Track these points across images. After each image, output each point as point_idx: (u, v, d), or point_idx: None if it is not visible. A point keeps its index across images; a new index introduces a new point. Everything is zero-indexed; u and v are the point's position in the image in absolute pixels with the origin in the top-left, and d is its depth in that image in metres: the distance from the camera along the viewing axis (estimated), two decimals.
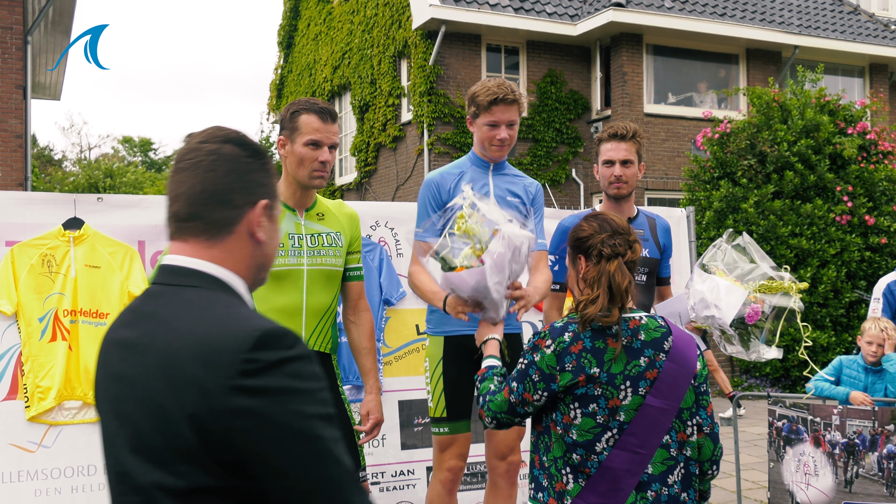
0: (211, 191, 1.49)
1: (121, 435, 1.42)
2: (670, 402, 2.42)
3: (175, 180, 1.51)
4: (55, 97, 15.84)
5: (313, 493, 1.36)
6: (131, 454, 1.39)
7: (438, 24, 13.83)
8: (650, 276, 3.74)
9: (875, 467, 4.68)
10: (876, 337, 5.05)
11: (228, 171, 1.50)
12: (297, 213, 3.10)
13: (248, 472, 1.35)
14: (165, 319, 1.43)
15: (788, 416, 4.99)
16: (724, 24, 14.83)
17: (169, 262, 1.51)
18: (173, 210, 1.51)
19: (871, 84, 16.79)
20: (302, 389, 1.37)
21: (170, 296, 1.47)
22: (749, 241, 3.75)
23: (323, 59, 18.99)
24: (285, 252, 3.01)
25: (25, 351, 3.69)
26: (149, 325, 1.44)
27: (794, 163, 11.50)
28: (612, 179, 3.63)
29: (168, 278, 1.50)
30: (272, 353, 1.35)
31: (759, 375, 11.92)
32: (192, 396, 1.34)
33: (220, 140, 1.52)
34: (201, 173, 1.49)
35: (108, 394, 1.47)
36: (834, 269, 11.34)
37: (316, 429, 1.37)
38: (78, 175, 32.70)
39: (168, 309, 1.45)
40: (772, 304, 3.51)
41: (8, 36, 10.35)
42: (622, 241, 2.48)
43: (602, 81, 15.14)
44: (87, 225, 3.84)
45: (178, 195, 1.50)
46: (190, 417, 1.33)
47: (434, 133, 14.19)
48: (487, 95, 3.32)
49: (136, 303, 1.52)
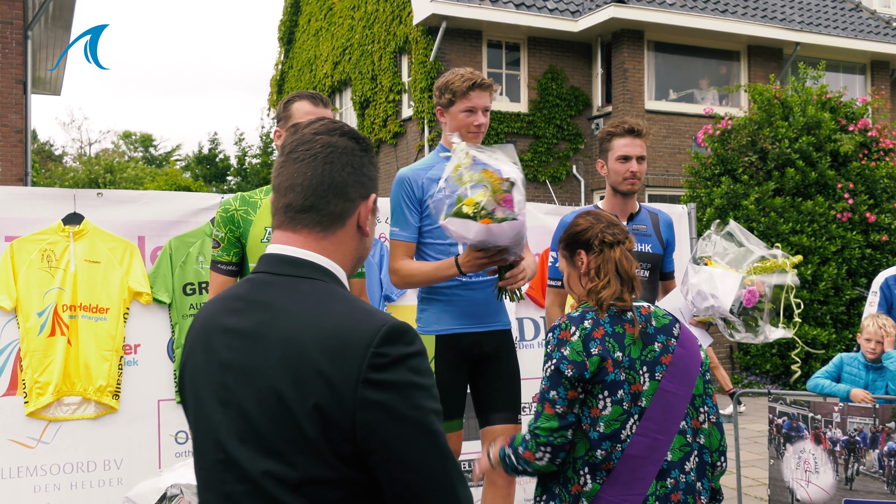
0: (328, 183, 1.49)
1: (227, 423, 1.42)
2: (684, 387, 2.44)
3: (289, 170, 1.51)
4: (55, 92, 15.82)
5: (429, 485, 1.39)
6: (239, 443, 1.40)
7: (439, 19, 13.81)
8: (653, 271, 3.74)
9: (876, 464, 4.67)
10: (874, 334, 5.05)
11: (345, 164, 1.51)
12: None
13: (365, 464, 1.37)
14: (283, 310, 1.43)
15: (789, 413, 4.98)
16: (726, 20, 14.81)
17: (279, 252, 1.51)
18: (287, 200, 1.50)
19: (873, 81, 16.77)
20: (422, 385, 1.40)
21: (284, 286, 1.47)
22: (736, 226, 3.74)
23: (323, 54, 18.97)
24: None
25: (24, 346, 3.68)
26: (264, 314, 1.44)
27: (795, 160, 11.48)
28: (627, 175, 3.61)
29: (280, 268, 1.49)
30: (398, 348, 1.38)
31: (760, 372, 11.92)
32: (318, 388, 1.35)
33: (336, 133, 1.53)
34: (319, 165, 1.49)
35: (212, 380, 1.46)
36: (834, 267, 11.33)
37: (434, 424, 1.40)
38: (78, 171, 32.68)
39: (284, 299, 1.45)
40: (770, 283, 3.51)
41: (8, 31, 10.33)
42: (619, 230, 2.55)
43: (603, 78, 15.12)
44: (86, 220, 3.83)
45: (293, 185, 1.50)
46: (314, 409, 1.35)
47: (435, 129, 14.17)
48: (464, 81, 3.31)
49: (242, 290, 1.51)
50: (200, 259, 3.96)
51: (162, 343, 3.93)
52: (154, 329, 3.92)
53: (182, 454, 3.88)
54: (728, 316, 3.49)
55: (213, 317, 1.52)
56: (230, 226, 3.00)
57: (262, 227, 3.00)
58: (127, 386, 3.84)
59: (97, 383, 3.75)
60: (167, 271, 3.92)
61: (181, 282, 3.93)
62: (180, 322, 3.93)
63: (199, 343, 1.51)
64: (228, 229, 3.00)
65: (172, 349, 3.94)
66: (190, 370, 1.53)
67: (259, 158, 35.14)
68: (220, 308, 1.52)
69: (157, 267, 3.93)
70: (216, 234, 3.02)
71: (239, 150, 36.90)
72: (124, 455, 3.79)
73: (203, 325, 1.53)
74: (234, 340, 1.45)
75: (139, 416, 3.83)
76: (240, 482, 1.40)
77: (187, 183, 30.24)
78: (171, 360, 3.93)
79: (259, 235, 2.99)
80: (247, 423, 1.40)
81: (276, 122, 3.11)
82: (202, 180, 34.97)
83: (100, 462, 3.77)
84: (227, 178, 37.69)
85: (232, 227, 2.99)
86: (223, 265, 3.02)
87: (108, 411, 3.79)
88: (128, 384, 3.84)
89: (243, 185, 35.62)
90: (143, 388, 3.85)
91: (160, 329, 3.93)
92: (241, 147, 36.85)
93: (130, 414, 3.82)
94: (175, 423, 3.89)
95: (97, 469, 3.76)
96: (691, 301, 3.66)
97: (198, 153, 38.24)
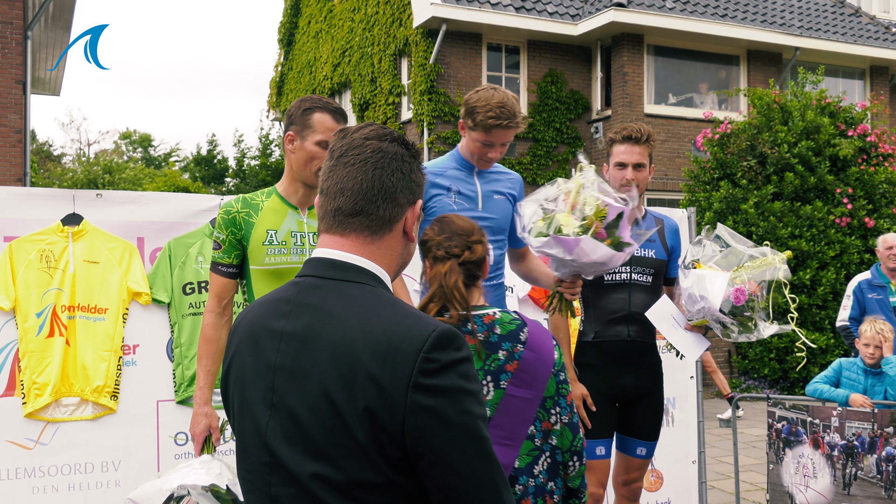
0: (379, 188, 1.51)
1: (274, 425, 1.43)
2: (533, 391, 2.42)
3: (339, 174, 1.52)
4: (55, 93, 15.81)
5: (476, 491, 1.39)
6: (287, 445, 1.41)
7: (439, 22, 13.81)
8: (656, 276, 3.73)
9: (874, 469, 4.67)
10: (872, 339, 5.05)
11: (395, 170, 1.53)
12: (299, 212, 3.06)
13: (413, 469, 1.38)
14: (333, 313, 1.44)
15: (788, 417, 4.98)
16: (725, 25, 14.82)
17: (327, 256, 1.52)
18: (337, 204, 1.52)
19: (872, 86, 16.79)
20: (470, 390, 1.41)
21: (333, 289, 1.48)
22: (724, 229, 3.75)
23: (323, 56, 18.97)
24: (287, 250, 2.99)
25: (22, 347, 3.67)
26: (313, 317, 1.45)
27: (794, 164, 11.49)
28: (623, 182, 3.61)
29: (328, 272, 1.50)
30: (448, 353, 1.39)
31: (758, 377, 11.92)
32: (368, 392, 1.36)
33: (386, 139, 1.55)
34: (370, 170, 1.51)
35: (260, 383, 1.47)
36: (833, 272, 11.34)
37: (482, 429, 1.40)
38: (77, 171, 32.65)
39: (333, 303, 1.46)
40: (764, 280, 3.51)
41: (8, 31, 10.32)
42: (459, 241, 2.48)
43: (603, 81, 15.13)
44: (85, 221, 3.82)
45: (343, 189, 1.51)
46: (364, 412, 1.36)
47: (434, 132, 14.17)
48: (488, 117, 3.15)
49: (290, 294, 1.51)
50: (200, 259, 3.96)
51: (161, 343, 3.92)
52: (153, 329, 3.91)
53: (181, 456, 3.87)
54: (720, 316, 3.49)
55: (260, 319, 1.52)
56: (232, 228, 2.97)
57: (263, 229, 2.97)
58: (126, 387, 3.82)
59: (95, 384, 3.74)
60: (166, 271, 3.91)
61: (180, 281, 3.92)
62: (179, 322, 3.92)
63: (245, 345, 1.52)
64: (230, 231, 2.97)
65: (171, 349, 3.93)
66: (235, 372, 1.53)
67: (258, 160, 35.13)
68: (267, 311, 1.53)
69: (156, 267, 3.93)
70: (217, 236, 2.99)
71: (238, 152, 36.88)
72: (122, 456, 3.77)
73: (250, 327, 1.53)
74: (282, 343, 1.46)
75: (138, 418, 3.82)
76: (287, 485, 1.41)
77: (186, 184, 30.22)
78: (171, 361, 3.92)
79: (261, 238, 2.97)
80: (295, 426, 1.41)
81: (288, 124, 3.01)
82: (201, 181, 34.95)
83: (98, 463, 3.76)
84: (225, 180, 37.66)
85: (234, 229, 2.96)
86: (224, 267, 3.00)
87: (106, 412, 3.78)
88: (126, 385, 3.83)
89: (242, 186, 35.60)
90: (142, 389, 3.84)
91: (159, 329, 3.92)
92: (239, 149, 36.85)
93: (129, 415, 3.80)
94: (174, 425, 3.88)
95: (95, 470, 3.75)
96: (684, 304, 3.66)
97: (196, 154, 38.23)
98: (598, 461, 3.66)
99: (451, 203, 3.32)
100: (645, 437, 3.79)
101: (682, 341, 3.70)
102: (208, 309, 3.03)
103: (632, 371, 3.70)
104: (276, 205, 3.03)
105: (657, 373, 3.80)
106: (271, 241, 2.97)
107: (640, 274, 3.67)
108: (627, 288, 3.65)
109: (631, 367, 3.69)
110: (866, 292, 6.74)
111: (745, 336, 3.55)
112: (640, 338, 3.69)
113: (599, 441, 3.67)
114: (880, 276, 6.77)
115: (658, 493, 5.05)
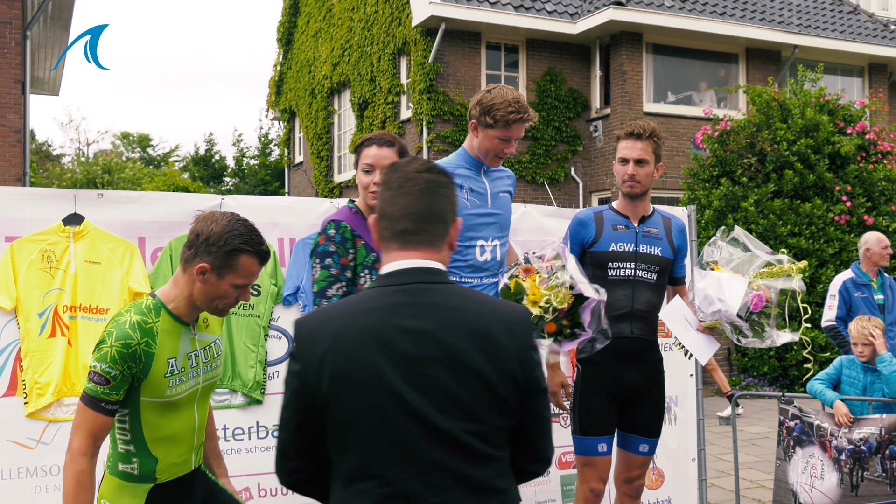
0: (434, 211, 1.91)
1: (428, 403, 1.78)
2: None
3: (400, 202, 1.90)
4: (54, 92, 15.81)
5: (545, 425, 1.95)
6: (441, 414, 1.78)
7: (438, 21, 13.81)
8: (661, 275, 3.73)
9: (879, 468, 4.68)
10: (858, 337, 5.05)
11: (442, 196, 1.93)
12: (191, 327, 2.74)
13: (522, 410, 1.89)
14: (455, 307, 1.85)
15: (801, 417, 5.00)
16: (724, 23, 14.83)
17: (415, 265, 1.88)
18: (402, 226, 1.89)
19: (871, 84, 16.80)
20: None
21: (439, 290, 1.87)
22: (742, 232, 3.77)
23: (322, 56, 18.97)
24: (186, 377, 2.67)
25: (24, 347, 3.67)
26: (440, 313, 1.83)
27: (793, 162, 11.50)
28: (625, 178, 3.64)
29: (426, 277, 1.88)
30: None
31: (758, 375, 11.93)
32: (508, 358, 1.84)
33: (434, 171, 1.94)
34: (426, 198, 1.91)
35: (402, 373, 1.79)
36: (832, 269, 11.35)
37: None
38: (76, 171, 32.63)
39: (446, 299, 1.86)
40: (777, 288, 3.52)
41: (7, 31, 10.32)
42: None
43: (602, 80, 15.13)
44: (87, 221, 3.82)
45: (407, 214, 1.89)
46: (507, 374, 1.83)
47: (433, 131, 14.18)
48: (508, 112, 3.29)
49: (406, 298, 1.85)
50: None
51: None
52: None
53: None
54: (735, 320, 3.51)
55: (382, 322, 1.82)
56: (130, 363, 2.54)
57: (164, 359, 2.60)
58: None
59: None
60: (167, 272, 3.91)
61: None
62: None
63: (370, 346, 1.80)
64: (126, 366, 2.54)
65: None
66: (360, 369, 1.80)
67: (257, 159, 35.11)
68: (388, 314, 1.83)
69: (157, 267, 3.93)
70: (106, 371, 2.53)
71: (237, 151, 36.87)
72: None
73: (373, 330, 1.82)
74: (418, 338, 1.80)
75: None
76: (440, 445, 1.78)
77: (186, 183, 30.21)
78: None
79: (162, 370, 2.60)
80: (448, 398, 1.79)
81: (204, 252, 2.59)
82: (200, 181, 34.94)
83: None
84: (224, 179, 37.65)
85: (132, 363, 2.54)
86: (109, 405, 2.57)
87: None
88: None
89: (241, 185, 35.59)
90: None
91: None
92: (239, 148, 36.84)
93: None
94: None
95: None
96: (698, 306, 3.67)
97: (195, 154, 38.21)
98: (599, 458, 3.67)
99: (465, 200, 3.38)
100: (647, 434, 3.80)
101: (694, 342, 3.72)
102: (81, 452, 2.59)
103: (634, 368, 3.71)
104: (169, 325, 2.65)
105: (659, 370, 3.82)
106: (172, 371, 2.63)
107: (646, 271, 3.68)
108: (632, 285, 3.66)
109: (633, 364, 3.70)
110: (852, 291, 6.76)
111: (755, 341, 3.56)
112: (643, 335, 3.70)
113: (601, 438, 3.68)
114: (862, 274, 6.80)
115: (659, 491, 5.06)
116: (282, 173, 27.40)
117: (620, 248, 3.66)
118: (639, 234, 3.70)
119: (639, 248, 3.68)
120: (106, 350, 2.53)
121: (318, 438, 1.88)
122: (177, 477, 2.75)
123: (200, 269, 2.58)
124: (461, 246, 3.38)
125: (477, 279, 3.38)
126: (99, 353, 2.55)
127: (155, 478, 2.71)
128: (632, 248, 3.67)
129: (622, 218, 3.73)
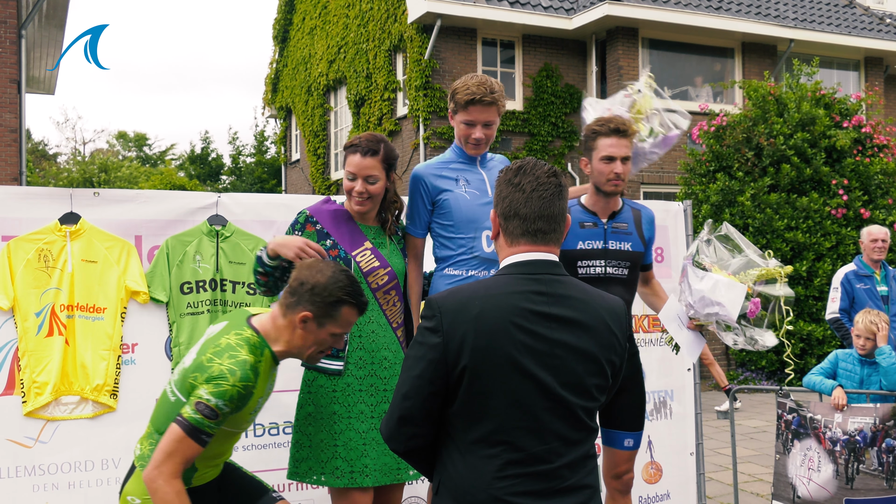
0: (559, 212, 2.19)
1: (552, 379, 2.05)
2: None
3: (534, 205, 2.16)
4: (49, 91, 15.79)
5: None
6: (563, 389, 2.06)
7: (434, 17, 13.80)
8: (632, 269, 3.70)
9: (875, 462, 4.69)
10: (864, 331, 5.06)
11: (563, 198, 2.20)
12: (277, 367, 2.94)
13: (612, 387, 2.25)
14: (581, 299, 2.14)
15: (798, 410, 5.01)
16: (720, 17, 14.83)
17: (546, 258, 2.16)
18: (537, 226, 2.16)
19: (867, 77, 16.81)
20: None
21: (565, 282, 2.15)
22: (730, 229, 3.77)
23: (318, 53, 18.94)
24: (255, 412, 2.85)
25: (22, 346, 3.67)
26: (572, 302, 2.12)
27: (790, 156, 11.51)
28: (611, 177, 3.56)
29: (553, 269, 2.16)
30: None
31: (755, 369, 11.95)
32: (614, 346, 2.16)
33: (557, 176, 2.20)
34: (556, 200, 2.18)
35: (539, 352, 2.05)
36: (829, 263, 11.36)
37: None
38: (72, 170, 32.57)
39: (573, 290, 2.15)
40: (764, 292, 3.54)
41: (2, 30, 10.30)
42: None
43: (598, 75, 15.13)
44: (83, 219, 3.82)
45: (541, 215, 2.16)
46: (608, 362, 2.15)
47: (430, 127, 14.17)
48: (465, 94, 3.36)
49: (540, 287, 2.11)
50: (198, 258, 3.96)
51: (159, 342, 3.93)
52: (151, 328, 3.91)
53: None
54: (732, 324, 3.52)
55: (517, 306, 2.07)
56: (239, 403, 2.64)
57: (256, 398, 2.73)
58: (125, 385, 3.83)
59: (95, 383, 3.75)
60: (164, 270, 3.91)
61: (178, 281, 3.92)
62: (178, 321, 3.92)
63: (509, 326, 2.05)
64: (236, 406, 2.64)
65: (170, 348, 3.93)
66: (499, 346, 2.04)
67: (254, 157, 35.06)
68: (521, 300, 2.08)
69: (154, 266, 3.92)
70: (219, 406, 2.60)
71: (233, 150, 36.81)
72: (122, 454, 3.78)
73: (511, 312, 2.06)
74: (553, 323, 2.08)
75: (137, 416, 3.82)
76: (563, 418, 2.07)
77: (182, 182, 30.16)
78: (169, 359, 3.93)
79: (251, 408, 2.73)
80: (571, 376, 2.07)
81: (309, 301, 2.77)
82: (197, 179, 34.89)
83: (98, 461, 3.77)
84: (220, 177, 37.59)
85: (240, 403, 2.65)
86: (207, 437, 2.62)
87: (105, 411, 3.79)
88: (125, 383, 3.83)
89: (238, 183, 35.54)
90: (141, 388, 3.84)
91: (158, 328, 3.92)
92: (235, 146, 36.77)
93: (128, 413, 3.81)
94: None
95: (95, 468, 3.76)
96: (692, 304, 3.67)
97: (191, 152, 38.16)
98: None
99: (464, 192, 3.38)
100: (631, 429, 3.77)
101: (687, 340, 3.73)
102: (173, 475, 2.59)
103: None
104: (268, 366, 2.79)
105: (636, 363, 3.77)
106: (257, 409, 2.79)
107: (616, 268, 3.65)
108: (604, 283, 3.58)
109: None
110: (854, 283, 6.80)
111: (746, 344, 3.58)
112: None
113: None
114: (864, 266, 6.83)
115: (657, 486, 5.07)
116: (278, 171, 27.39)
117: (589, 245, 3.62)
118: (608, 231, 3.65)
119: (608, 245, 3.63)
120: (226, 388, 2.58)
121: (442, 407, 2.10)
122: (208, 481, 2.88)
123: (303, 318, 2.71)
124: (467, 238, 3.38)
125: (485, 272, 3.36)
126: (217, 388, 2.58)
127: (190, 483, 2.77)
128: (601, 246, 3.63)
129: (590, 215, 3.67)
